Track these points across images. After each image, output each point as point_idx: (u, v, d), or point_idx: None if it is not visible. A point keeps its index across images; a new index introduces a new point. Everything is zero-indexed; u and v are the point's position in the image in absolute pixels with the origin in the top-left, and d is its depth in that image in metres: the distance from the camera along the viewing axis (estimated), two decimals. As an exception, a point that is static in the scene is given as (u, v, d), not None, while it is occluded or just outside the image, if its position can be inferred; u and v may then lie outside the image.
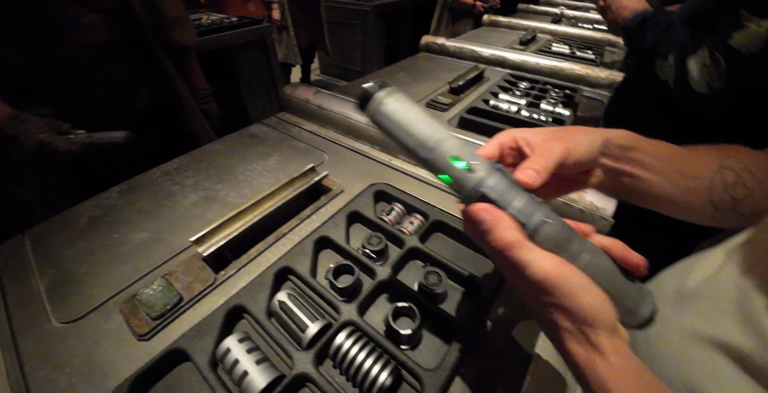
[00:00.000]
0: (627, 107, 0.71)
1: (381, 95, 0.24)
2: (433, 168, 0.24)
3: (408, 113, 0.24)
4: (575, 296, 0.20)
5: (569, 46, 1.44)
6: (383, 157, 0.70)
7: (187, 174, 0.64)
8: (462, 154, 0.23)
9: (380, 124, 0.25)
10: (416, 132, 0.24)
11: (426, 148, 0.24)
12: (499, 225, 0.22)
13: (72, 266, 0.49)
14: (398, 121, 0.24)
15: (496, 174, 0.23)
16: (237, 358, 0.33)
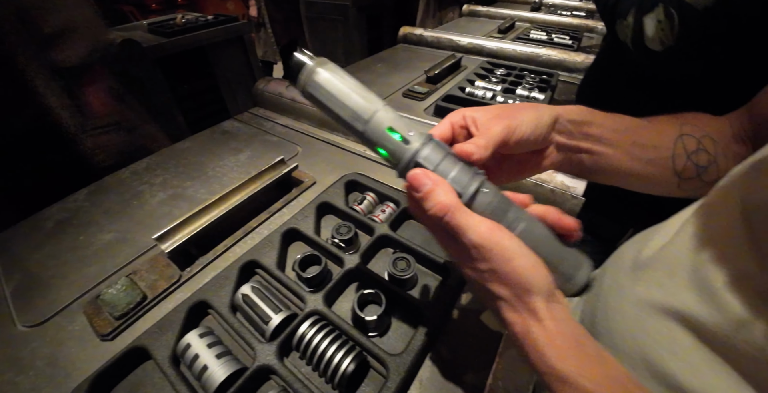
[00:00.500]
0: (597, 87, 0.71)
1: (312, 65, 0.23)
2: (369, 141, 0.23)
3: (342, 84, 0.23)
4: (510, 260, 0.20)
5: (547, 32, 1.44)
6: (357, 147, 0.69)
7: (156, 173, 0.63)
8: (397, 125, 0.23)
9: (313, 97, 0.23)
10: (351, 103, 0.23)
11: (362, 120, 0.23)
12: (438, 188, 0.21)
13: (38, 270, 0.47)
14: (332, 92, 0.23)
15: (430, 144, 0.23)
16: (197, 353, 0.32)
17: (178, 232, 0.44)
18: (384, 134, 0.23)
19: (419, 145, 0.23)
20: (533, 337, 0.19)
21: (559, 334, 0.19)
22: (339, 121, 0.24)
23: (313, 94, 0.23)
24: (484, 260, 0.20)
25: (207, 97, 1.75)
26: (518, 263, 0.20)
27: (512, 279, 0.20)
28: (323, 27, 2.64)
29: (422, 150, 0.23)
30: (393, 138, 0.23)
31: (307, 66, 0.23)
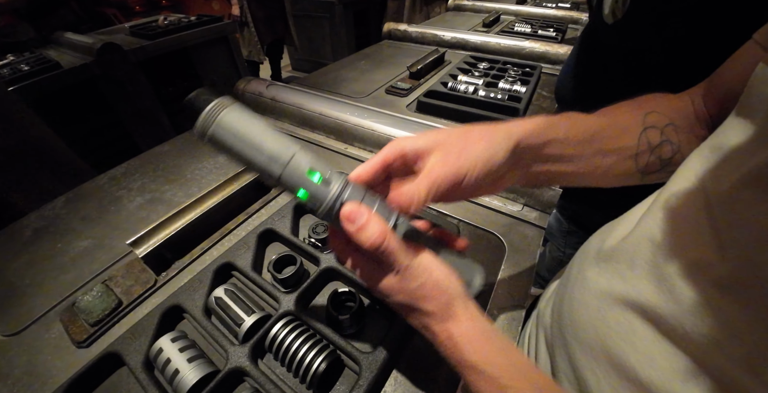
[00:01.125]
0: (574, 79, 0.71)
1: (217, 107, 0.21)
2: (286, 184, 0.22)
3: (252, 124, 0.21)
4: (431, 272, 0.23)
5: (531, 25, 1.44)
6: (338, 145, 0.69)
7: (134, 177, 0.62)
8: (317, 166, 0.22)
9: (219, 142, 0.21)
10: (266, 146, 0.21)
11: (279, 163, 0.21)
12: (374, 219, 0.22)
13: (15, 279, 0.47)
14: (242, 134, 0.21)
15: (350, 186, 0.23)
16: (169, 357, 0.32)
17: (153, 236, 0.43)
18: (304, 177, 0.22)
19: (339, 187, 0.22)
20: (454, 337, 0.22)
21: (473, 331, 0.22)
22: (252, 164, 0.22)
23: (219, 139, 0.21)
24: (413, 278, 0.23)
25: (193, 99, 1.74)
26: (437, 274, 0.23)
27: (436, 289, 0.22)
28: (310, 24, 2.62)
29: (343, 190, 0.23)
30: (313, 180, 0.22)
31: (210, 108, 0.21)
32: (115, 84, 1.39)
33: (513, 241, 0.47)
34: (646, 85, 0.34)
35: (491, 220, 0.51)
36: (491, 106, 0.76)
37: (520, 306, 0.40)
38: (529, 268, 0.44)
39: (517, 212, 0.52)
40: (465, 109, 0.76)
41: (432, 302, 0.23)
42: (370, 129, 0.67)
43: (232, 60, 1.85)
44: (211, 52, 1.74)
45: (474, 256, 0.46)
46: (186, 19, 1.74)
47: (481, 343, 0.22)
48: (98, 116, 1.42)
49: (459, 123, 0.76)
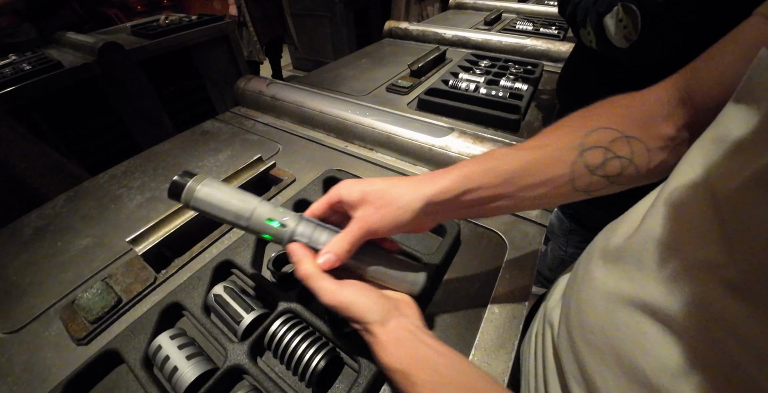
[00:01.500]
0: (576, 76, 0.71)
1: (193, 185, 0.29)
2: (253, 231, 0.30)
3: (220, 193, 0.29)
4: (349, 308, 0.27)
5: (533, 23, 1.43)
6: (339, 143, 0.69)
7: (134, 176, 0.62)
8: (273, 215, 0.30)
9: (198, 209, 0.29)
10: (232, 207, 0.29)
11: (244, 218, 0.29)
12: (303, 260, 0.28)
13: (15, 277, 0.47)
14: (214, 202, 0.29)
15: (302, 223, 0.30)
16: (167, 355, 0.32)
17: (152, 234, 0.43)
18: (265, 225, 0.29)
19: (294, 226, 0.29)
20: (374, 349, 0.27)
21: (388, 343, 0.26)
22: (225, 222, 0.30)
23: (198, 208, 0.29)
24: (337, 310, 0.28)
25: (193, 98, 1.74)
26: (356, 308, 0.27)
27: (357, 318, 0.27)
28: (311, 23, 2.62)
29: (297, 229, 0.29)
30: (272, 226, 0.29)
31: (189, 186, 0.29)
32: (117, 83, 1.39)
33: (514, 239, 0.47)
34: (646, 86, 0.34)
35: (492, 218, 0.50)
36: (492, 104, 0.76)
37: (521, 304, 0.39)
38: (530, 267, 0.44)
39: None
40: (466, 106, 0.75)
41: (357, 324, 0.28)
42: (370, 127, 0.67)
43: (233, 59, 1.85)
44: (212, 52, 1.74)
45: (474, 254, 0.46)
46: (187, 19, 1.74)
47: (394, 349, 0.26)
48: (99, 116, 1.42)
49: (460, 121, 0.76)
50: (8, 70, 1.23)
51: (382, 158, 0.65)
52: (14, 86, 1.15)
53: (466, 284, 0.42)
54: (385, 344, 0.26)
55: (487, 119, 0.73)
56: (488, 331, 0.37)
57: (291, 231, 0.29)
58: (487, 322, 0.38)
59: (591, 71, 0.65)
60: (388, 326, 0.27)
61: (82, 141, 1.39)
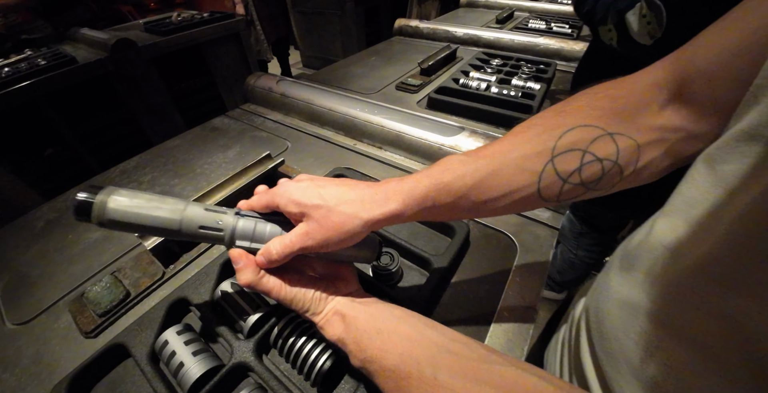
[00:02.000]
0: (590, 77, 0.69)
1: (102, 197, 0.24)
2: (188, 238, 0.27)
3: (138, 201, 0.25)
4: (294, 303, 0.29)
5: (546, 21, 1.40)
6: (347, 141, 0.69)
7: (145, 171, 0.63)
8: (206, 218, 0.27)
9: (115, 223, 0.25)
10: (158, 214, 0.25)
11: (174, 227, 0.26)
12: (244, 269, 0.28)
13: (26, 269, 0.48)
14: (132, 212, 0.25)
15: (240, 221, 0.28)
16: (174, 350, 0.32)
17: (161, 229, 0.43)
18: (198, 232, 0.27)
19: (231, 226, 0.28)
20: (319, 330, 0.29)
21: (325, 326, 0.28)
22: (151, 233, 0.27)
23: (115, 221, 0.25)
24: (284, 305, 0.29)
25: (204, 95, 1.75)
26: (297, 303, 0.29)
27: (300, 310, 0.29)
28: (320, 21, 2.62)
29: (236, 229, 0.28)
30: (208, 233, 0.27)
31: (97, 200, 0.24)
32: (129, 79, 1.41)
33: (524, 241, 0.46)
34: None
35: (502, 219, 0.49)
36: (504, 104, 0.74)
37: (531, 308, 0.39)
38: (541, 270, 0.43)
39: (530, 212, 0.50)
40: (477, 105, 0.74)
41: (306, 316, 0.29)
42: (379, 125, 0.66)
43: (243, 57, 1.85)
44: (222, 49, 1.75)
45: (484, 256, 0.45)
46: (199, 16, 1.75)
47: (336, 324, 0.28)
48: (112, 111, 1.44)
49: (471, 120, 0.74)
50: (24, 64, 1.25)
51: (391, 157, 0.64)
52: (29, 81, 1.16)
53: (474, 286, 0.41)
54: (322, 326, 0.28)
55: (499, 119, 0.72)
56: (497, 335, 0.36)
57: (230, 233, 0.28)
58: (496, 325, 0.37)
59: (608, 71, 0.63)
60: (321, 314, 0.29)
61: (94, 136, 1.41)
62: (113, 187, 0.25)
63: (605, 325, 0.27)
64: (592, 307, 0.30)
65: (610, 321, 0.26)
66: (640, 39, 0.47)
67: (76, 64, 1.28)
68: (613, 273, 0.28)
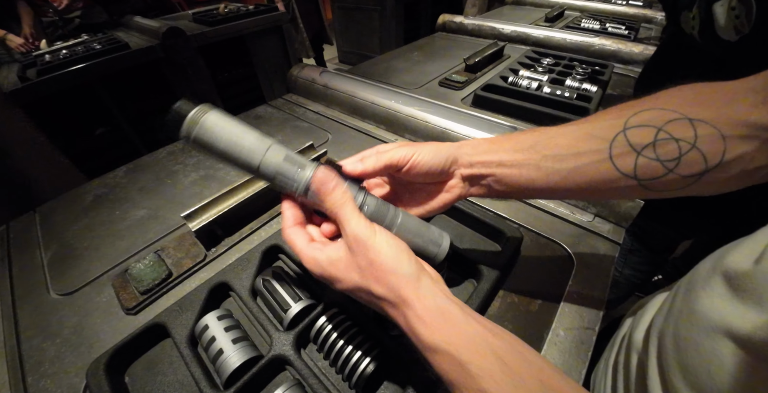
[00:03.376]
0: (658, 79, 0.63)
1: (199, 112, 0.24)
2: (265, 174, 0.25)
3: (232, 125, 0.24)
4: (380, 252, 0.23)
5: (600, 22, 1.32)
6: (389, 136, 0.67)
7: (191, 154, 0.63)
8: (290, 156, 0.25)
9: (201, 143, 0.24)
10: (246, 142, 0.24)
11: (257, 155, 0.24)
12: (339, 187, 0.25)
13: (74, 241, 0.49)
14: (224, 133, 0.24)
15: (321, 168, 0.26)
16: (214, 336, 0.31)
17: (206, 211, 0.43)
18: (282, 164, 0.25)
19: (312, 169, 0.25)
20: (410, 322, 0.21)
21: (426, 313, 0.21)
22: (233, 159, 0.25)
23: (202, 140, 0.24)
24: (362, 253, 0.23)
25: (245, 86, 1.79)
26: (386, 253, 0.23)
27: (383, 271, 0.22)
28: (360, 17, 2.62)
29: (316, 173, 0.25)
30: (290, 166, 0.25)
31: (192, 114, 0.24)
32: (177, 66, 1.46)
33: (583, 254, 0.42)
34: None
35: (557, 228, 0.46)
36: (557, 105, 0.70)
37: (590, 330, 0.35)
38: (602, 288, 0.39)
39: (588, 223, 0.46)
40: (527, 105, 0.70)
41: (382, 285, 0.23)
42: (423, 120, 0.64)
43: (284, 50, 1.88)
44: (265, 41, 1.78)
45: (536, 267, 0.41)
46: (244, 8, 1.80)
47: (437, 322, 0.21)
48: (160, 96, 1.50)
49: (519, 120, 0.70)
50: (80, 48, 1.33)
51: (434, 154, 0.62)
52: (85, 63, 1.23)
53: (526, 300, 0.38)
54: (423, 316, 0.21)
55: (551, 120, 0.67)
56: (552, 355, 0.33)
57: (309, 174, 0.25)
58: (550, 344, 0.34)
59: (684, 70, 0.57)
60: (422, 288, 0.22)
61: (142, 118, 1.47)
62: (208, 105, 0.25)
63: (690, 356, 0.23)
64: (668, 334, 0.26)
65: (698, 352, 0.23)
66: (725, 34, 0.42)
67: (129, 49, 1.35)
68: (699, 297, 0.25)
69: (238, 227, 0.46)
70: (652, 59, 0.68)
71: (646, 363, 0.29)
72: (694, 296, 0.25)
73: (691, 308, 0.25)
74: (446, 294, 0.23)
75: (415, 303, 0.21)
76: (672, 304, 0.28)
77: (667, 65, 0.63)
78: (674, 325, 0.26)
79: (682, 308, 0.26)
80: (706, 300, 0.24)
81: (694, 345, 0.23)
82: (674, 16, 0.53)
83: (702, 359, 0.22)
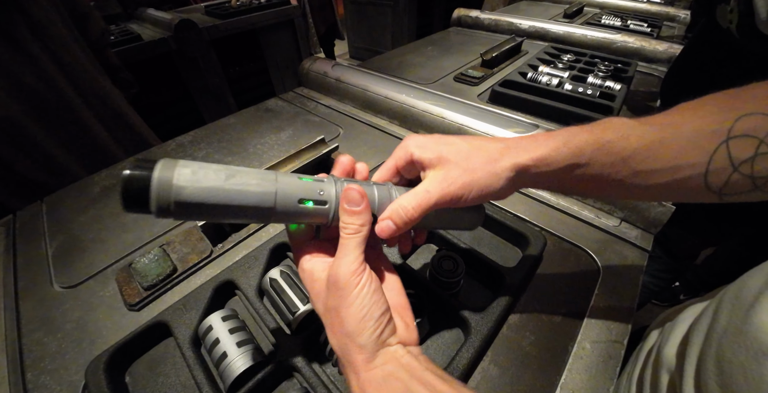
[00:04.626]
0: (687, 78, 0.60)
1: (163, 175, 0.17)
2: (281, 217, 0.20)
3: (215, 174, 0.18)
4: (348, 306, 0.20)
5: (621, 18, 1.27)
6: (402, 132, 0.64)
7: (199, 146, 0.62)
8: (306, 192, 0.20)
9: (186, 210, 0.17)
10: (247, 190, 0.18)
11: (269, 199, 0.19)
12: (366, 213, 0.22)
13: (80, 232, 0.48)
14: (214, 190, 0.17)
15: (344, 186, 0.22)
16: (218, 338, 0.29)
17: (212, 206, 0.41)
18: (298, 207, 0.20)
19: (336, 196, 0.21)
20: (352, 388, 0.20)
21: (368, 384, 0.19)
22: (236, 216, 0.19)
23: (190, 202, 0.17)
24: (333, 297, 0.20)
25: (256, 80, 1.78)
26: (353, 315, 0.20)
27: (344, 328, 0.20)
28: (372, 12, 2.59)
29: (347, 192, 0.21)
30: (309, 208, 0.20)
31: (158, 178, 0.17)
32: (189, 59, 1.46)
33: (609, 261, 0.40)
34: None
35: (581, 233, 0.43)
36: (580, 102, 0.66)
37: (619, 343, 0.32)
38: (630, 297, 0.36)
39: (614, 228, 0.43)
40: (547, 102, 0.67)
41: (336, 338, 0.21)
42: (439, 116, 0.61)
43: (296, 44, 1.86)
44: (277, 35, 1.76)
45: (559, 274, 0.39)
46: (256, 1, 1.78)
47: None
48: (172, 89, 1.50)
49: (539, 117, 0.67)
50: (96, 39, 1.32)
51: (450, 152, 0.59)
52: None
53: (548, 309, 0.35)
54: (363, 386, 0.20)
55: (574, 118, 0.64)
56: (578, 369, 0.31)
57: (334, 207, 0.21)
58: (576, 358, 0.31)
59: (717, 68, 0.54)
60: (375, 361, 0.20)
61: (153, 111, 1.47)
62: (169, 159, 0.18)
63: (736, 382, 0.21)
64: (710, 355, 0.24)
65: (746, 377, 0.20)
66: (765, 28, 0.40)
67: (141, 41, 1.34)
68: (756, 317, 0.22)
69: (246, 223, 0.44)
70: (681, 58, 0.65)
71: (680, 383, 0.27)
72: (743, 315, 0.23)
73: (738, 328, 0.22)
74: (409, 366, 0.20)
75: (360, 371, 0.20)
76: (714, 321, 0.26)
77: (697, 63, 0.59)
78: (717, 346, 0.24)
79: (728, 327, 0.24)
80: (759, 320, 0.21)
81: (741, 369, 0.21)
82: (709, 9, 0.50)
83: (750, 386, 0.20)
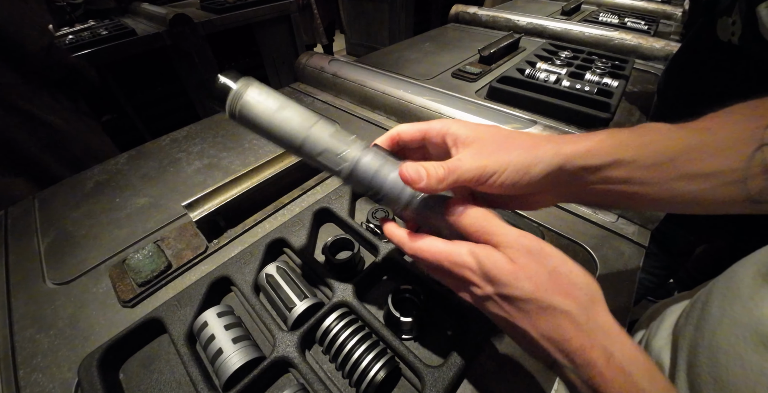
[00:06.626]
0: (685, 76, 0.60)
1: (242, 85, 0.23)
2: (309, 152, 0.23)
3: (276, 99, 0.23)
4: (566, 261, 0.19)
5: (619, 16, 1.27)
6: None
7: (194, 141, 0.61)
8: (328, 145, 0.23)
9: (248, 116, 0.23)
10: (292, 117, 0.23)
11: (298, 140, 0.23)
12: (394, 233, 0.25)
13: (72, 228, 0.47)
14: (269, 108, 0.23)
15: (371, 151, 0.24)
16: (213, 334, 0.29)
17: (208, 201, 0.41)
18: (318, 157, 0.23)
19: (354, 159, 0.23)
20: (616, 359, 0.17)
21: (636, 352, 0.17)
22: (278, 137, 0.23)
23: (248, 114, 0.23)
24: (542, 263, 0.19)
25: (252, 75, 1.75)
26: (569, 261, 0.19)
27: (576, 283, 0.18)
28: (369, 8, 2.57)
29: (362, 158, 0.23)
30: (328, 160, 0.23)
31: (239, 88, 0.23)
32: (184, 54, 1.44)
33: (606, 257, 0.40)
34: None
35: (578, 229, 0.43)
36: (577, 99, 0.66)
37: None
38: (628, 293, 0.36)
39: (611, 223, 0.43)
40: (545, 98, 0.67)
41: (569, 299, 0.18)
42: (437, 112, 0.61)
43: (293, 39, 1.85)
44: (273, 30, 1.75)
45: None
46: (252, -4, 1.76)
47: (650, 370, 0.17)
48: (166, 84, 1.48)
49: (537, 114, 0.67)
50: (87, 33, 1.30)
51: (447, 148, 0.59)
52: (90, 49, 1.21)
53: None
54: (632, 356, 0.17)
55: (571, 115, 0.64)
56: (575, 363, 0.31)
57: (350, 167, 0.23)
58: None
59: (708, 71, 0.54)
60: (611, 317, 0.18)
61: (148, 106, 1.46)
62: (249, 78, 0.24)
63: (732, 372, 0.21)
64: (702, 346, 0.24)
65: (743, 367, 0.21)
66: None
67: (135, 36, 1.32)
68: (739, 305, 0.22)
69: (242, 218, 0.44)
70: (677, 59, 0.65)
71: (673, 374, 0.27)
72: (738, 306, 0.23)
73: (733, 319, 0.23)
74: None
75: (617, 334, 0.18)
76: (704, 312, 0.26)
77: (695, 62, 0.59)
78: (710, 337, 0.24)
79: (722, 318, 0.24)
80: (755, 310, 0.22)
81: (738, 360, 0.21)
82: (709, 22, 0.50)
83: (747, 375, 0.20)
